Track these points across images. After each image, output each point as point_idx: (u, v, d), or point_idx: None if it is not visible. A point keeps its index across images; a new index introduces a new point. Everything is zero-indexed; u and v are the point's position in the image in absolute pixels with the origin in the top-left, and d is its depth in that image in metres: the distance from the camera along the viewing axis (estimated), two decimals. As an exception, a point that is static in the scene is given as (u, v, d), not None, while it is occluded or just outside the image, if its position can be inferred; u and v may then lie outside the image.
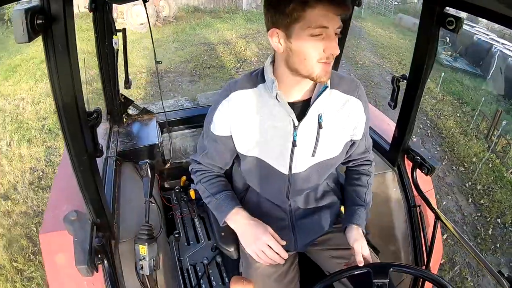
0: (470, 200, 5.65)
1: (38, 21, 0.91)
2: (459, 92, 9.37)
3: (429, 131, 7.60)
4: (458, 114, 8.42)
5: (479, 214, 5.41)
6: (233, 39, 12.05)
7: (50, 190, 2.78)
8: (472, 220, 5.23)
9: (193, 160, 1.61)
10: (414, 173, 1.93)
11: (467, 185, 6.05)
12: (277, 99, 1.29)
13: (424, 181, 2.01)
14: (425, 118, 8.09)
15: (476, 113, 8.01)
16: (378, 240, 2.02)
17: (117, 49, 2.20)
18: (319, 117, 1.34)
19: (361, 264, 1.30)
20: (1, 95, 7.66)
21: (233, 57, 10.47)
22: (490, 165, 6.54)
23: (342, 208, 1.92)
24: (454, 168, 6.52)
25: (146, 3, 2.09)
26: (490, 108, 8.95)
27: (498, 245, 4.82)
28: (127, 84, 2.51)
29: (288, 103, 1.31)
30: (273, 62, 1.33)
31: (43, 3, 0.93)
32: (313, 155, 1.39)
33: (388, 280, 1.23)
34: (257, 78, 1.36)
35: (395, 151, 1.99)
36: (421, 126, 7.65)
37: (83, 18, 10.41)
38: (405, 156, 1.98)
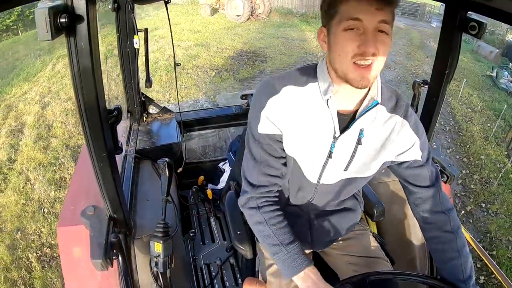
0: (459, 182, 5.87)
1: (62, 20, 0.93)
2: (501, 110, 9.27)
3: (448, 128, 7.87)
4: (488, 124, 8.43)
5: (463, 194, 5.68)
6: (310, 38, 14.09)
7: (69, 184, 3.10)
8: (453, 194, 5.40)
9: (244, 192, 1.36)
10: None
11: (463, 171, 6.27)
12: (327, 104, 1.19)
13: (443, 189, 1.97)
14: (451, 119, 8.28)
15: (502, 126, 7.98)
16: (394, 247, 1.99)
17: (138, 49, 2.23)
18: (360, 132, 1.24)
19: None
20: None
21: (303, 50, 12.93)
22: (498, 166, 6.64)
23: (364, 215, 1.90)
24: (457, 157, 6.77)
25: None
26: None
27: (471, 221, 5.13)
28: (148, 83, 2.54)
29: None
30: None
31: (66, 2, 0.95)
32: (345, 169, 1.31)
33: None
34: (308, 75, 1.23)
35: (414, 158, 1.95)
36: (442, 122, 7.83)
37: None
38: None
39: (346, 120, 1.24)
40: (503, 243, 4.86)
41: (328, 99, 1.18)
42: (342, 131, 1.23)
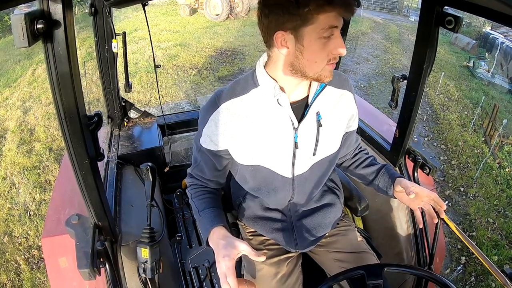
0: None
1: (38, 26, 0.91)
2: (478, 98, 9.54)
3: (425, 117, 8.12)
4: (466, 112, 8.67)
5: (442, 179, 5.85)
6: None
7: (51, 194, 3.07)
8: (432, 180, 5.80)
9: (188, 174, 1.54)
10: (416, 173, 1.92)
11: (441, 158, 6.46)
12: (278, 103, 1.24)
13: (426, 181, 2.00)
14: (428, 108, 8.52)
15: (479, 112, 8.17)
16: (380, 242, 2.02)
17: (117, 53, 2.20)
18: (318, 115, 1.31)
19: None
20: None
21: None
22: (476, 151, 6.83)
23: (348, 211, 1.92)
24: (435, 144, 6.97)
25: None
26: (504, 115, 9.03)
27: (450, 204, 5.26)
28: (128, 87, 2.52)
29: None
30: (265, 65, 1.28)
31: (43, 7, 0.93)
32: (314, 154, 1.35)
33: (382, 280, 1.22)
34: (247, 83, 1.29)
35: (396, 152, 1.98)
36: (420, 112, 8.10)
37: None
38: (406, 156, 1.97)
39: (301, 108, 1.30)
40: (483, 224, 4.98)
41: (278, 99, 1.23)
42: (300, 120, 1.29)
